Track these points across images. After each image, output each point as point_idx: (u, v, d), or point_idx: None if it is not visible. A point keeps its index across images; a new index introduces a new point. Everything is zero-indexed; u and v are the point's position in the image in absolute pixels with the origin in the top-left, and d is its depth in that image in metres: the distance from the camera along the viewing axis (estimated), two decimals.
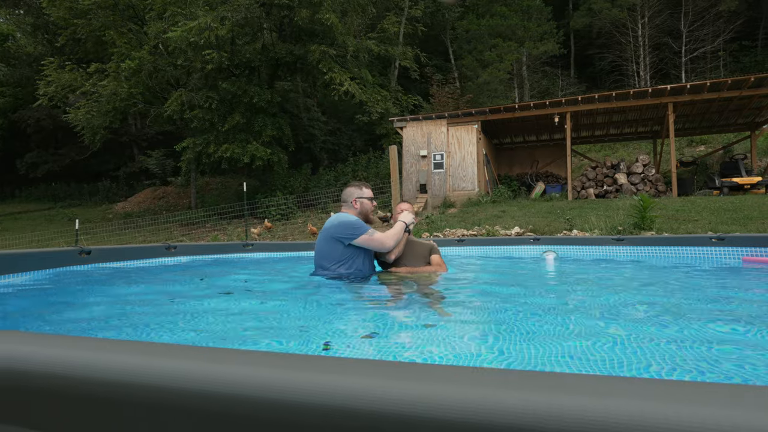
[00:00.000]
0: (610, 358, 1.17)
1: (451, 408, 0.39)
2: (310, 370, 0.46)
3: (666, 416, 0.34)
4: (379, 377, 0.43)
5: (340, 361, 0.49)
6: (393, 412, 0.40)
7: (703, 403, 0.35)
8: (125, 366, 0.50)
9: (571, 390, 0.38)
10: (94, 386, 0.49)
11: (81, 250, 3.44)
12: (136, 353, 0.53)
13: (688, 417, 0.34)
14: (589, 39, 24.85)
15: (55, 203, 24.16)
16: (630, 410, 0.35)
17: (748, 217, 7.10)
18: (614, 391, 0.38)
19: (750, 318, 1.65)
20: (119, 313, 1.96)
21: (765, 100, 11.05)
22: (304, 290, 2.45)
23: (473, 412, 0.38)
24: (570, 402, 0.37)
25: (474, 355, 1.23)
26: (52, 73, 16.11)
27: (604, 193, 12.04)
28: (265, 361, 0.49)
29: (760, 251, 3.37)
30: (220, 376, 0.46)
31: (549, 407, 0.37)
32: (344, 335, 1.49)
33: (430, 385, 0.41)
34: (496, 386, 0.40)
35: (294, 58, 15.64)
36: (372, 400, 0.41)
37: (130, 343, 0.58)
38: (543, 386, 0.40)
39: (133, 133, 25.70)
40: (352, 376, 0.44)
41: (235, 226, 13.69)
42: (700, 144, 16.41)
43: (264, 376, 0.45)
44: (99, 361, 0.51)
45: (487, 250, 4.71)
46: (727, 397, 0.36)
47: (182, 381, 0.46)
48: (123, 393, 0.48)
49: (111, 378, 0.49)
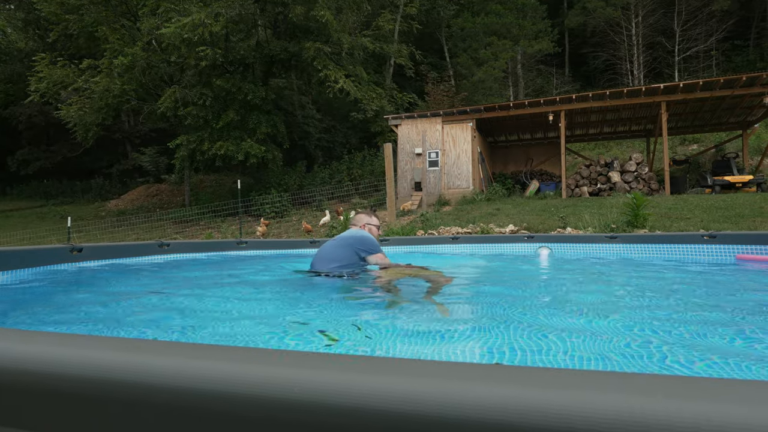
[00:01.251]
0: (594, 353, 1.17)
1: (428, 403, 0.38)
2: (290, 366, 0.45)
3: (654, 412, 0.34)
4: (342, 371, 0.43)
5: (320, 357, 0.48)
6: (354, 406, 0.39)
7: (691, 399, 0.35)
8: (104, 363, 0.49)
9: (549, 385, 0.38)
10: (69, 382, 0.48)
11: (72, 248, 3.41)
12: (115, 349, 0.52)
13: (687, 413, 0.34)
14: (584, 38, 24.93)
15: (47, 201, 23.91)
16: (616, 406, 0.35)
17: (739, 215, 7.17)
18: (601, 386, 0.38)
19: (741, 312, 1.67)
20: (108, 310, 1.94)
21: (756, 100, 11.14)
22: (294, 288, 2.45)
23: (448, 407, 0.38)
24: (547, 397, 0.37)
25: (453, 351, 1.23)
26: (44, 69, 15.91)
27: (597, 191, 12.11)
28: (247, 357, 0.48)
29: (751, 249, 3.41)
30: (202, 372, 0.45)
31: (520, 403, 0.36)
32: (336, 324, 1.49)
33: (402, 379, 0.41)
34: (470, 380, 0.39)
35: (289, 55, 15.56)
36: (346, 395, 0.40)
37: (111, 339, 0.58)
38: (517, 381, 0.39)
39: (126, 130, 25.48)
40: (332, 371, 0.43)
41: (229, 224, 13.63)
42: (693, 143, 16.53)
43: (245, 373, 0.45)
44: (81, 358, 0.50)
45: (480, 247, 4.72)
46: (717, 391, 0.36)
47: (161, 377, 0.46)
48: (98, 390, 0.47)
49: (91, 375, 0.48)
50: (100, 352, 0.52)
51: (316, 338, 1.38)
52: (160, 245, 4.20)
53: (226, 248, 4.82)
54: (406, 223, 9.30)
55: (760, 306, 1.84)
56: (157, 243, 4.20)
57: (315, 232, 10.13)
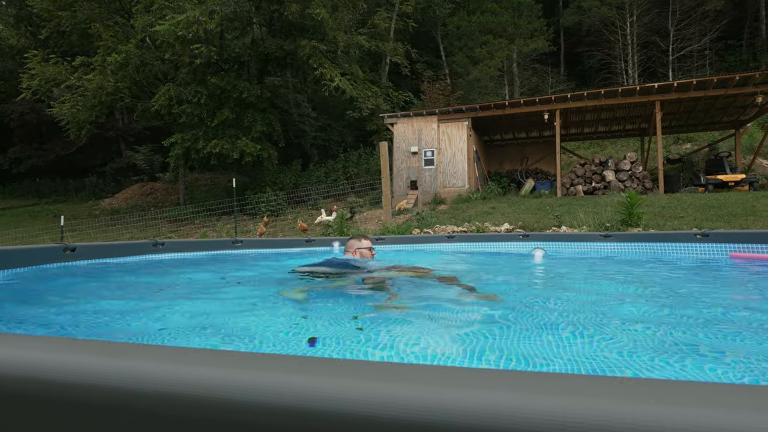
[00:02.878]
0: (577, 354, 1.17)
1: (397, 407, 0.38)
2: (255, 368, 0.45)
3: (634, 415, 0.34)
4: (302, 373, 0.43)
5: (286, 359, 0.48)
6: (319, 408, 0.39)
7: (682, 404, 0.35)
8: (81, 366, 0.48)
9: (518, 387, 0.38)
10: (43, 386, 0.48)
11: (65, 247, 3.38)
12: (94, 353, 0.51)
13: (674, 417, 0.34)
14: (579, 37, 25.01)
15: (39, 199, 23.71)
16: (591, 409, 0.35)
17: (731, 214, 7.23)
18: (590, 391, 0.38)
19: (730, 309, 1.68)
20: (98, 311, 1.93)
21: (749, 99, 11.23)
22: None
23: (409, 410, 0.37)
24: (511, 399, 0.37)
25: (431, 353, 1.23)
26: (36, 66, 15.76)
27: (592, 189, 12.16)
28: (217, 361, 0.48)
29: (744, 247, 3.43)
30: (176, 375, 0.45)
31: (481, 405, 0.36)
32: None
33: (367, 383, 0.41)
34: (426, 384, 0.39)
35: (284, 53, 15.49)
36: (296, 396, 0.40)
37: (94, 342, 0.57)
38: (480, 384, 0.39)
39: (120, 128, 25.29)
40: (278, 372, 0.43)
41: (224, 223, 13.58)
42: (687, 142, 16.64)
43: (215, 376, 0.44)
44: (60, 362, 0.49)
45: (473, 246, 4.73)
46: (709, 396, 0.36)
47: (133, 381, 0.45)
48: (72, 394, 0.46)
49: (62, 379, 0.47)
50: (57, 354, 0.51)
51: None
52: (154, 244, 4.17)
53: (221, 247, 4.80)
54: (401, 221, 9.30)
55: (748, 305, 1.85)
56: (152, 242, 4.18)
57: (311, 231, 10.11)
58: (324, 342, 1.33)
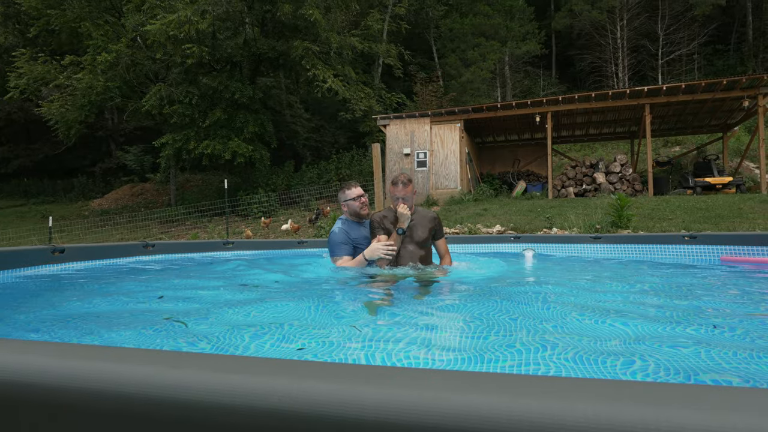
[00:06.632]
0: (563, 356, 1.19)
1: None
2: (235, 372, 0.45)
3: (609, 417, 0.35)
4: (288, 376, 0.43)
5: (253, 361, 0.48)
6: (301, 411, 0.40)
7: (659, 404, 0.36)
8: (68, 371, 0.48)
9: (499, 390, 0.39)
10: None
11: (54, 249, 3.34)
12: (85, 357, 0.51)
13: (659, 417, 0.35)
14: (570, 40, 25.23)
15: (27, 200, 23.36)
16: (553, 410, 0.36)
17: (719, 216, 7.34)
18: (571, 393, 0.39)
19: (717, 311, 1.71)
20: (88, 313, 1.91)
21: (736, 103, 11.41)
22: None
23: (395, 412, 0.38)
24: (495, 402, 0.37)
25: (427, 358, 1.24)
26: (24, 65, 15.55)
27: (583, 191, 12.27)
28: (191, 363, 0.48)
29: (731, 250, 3.49)
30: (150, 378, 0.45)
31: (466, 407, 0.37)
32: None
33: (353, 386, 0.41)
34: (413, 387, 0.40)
35: (276, 54, 15.44)
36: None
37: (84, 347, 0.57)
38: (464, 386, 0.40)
39: (110, 127, 25.02)
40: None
41: (215, 224, 13.48)
42: (675, 144, 16.86)
43: (184, 378, 0.45)
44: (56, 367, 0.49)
45: (468, 247, 4.75)
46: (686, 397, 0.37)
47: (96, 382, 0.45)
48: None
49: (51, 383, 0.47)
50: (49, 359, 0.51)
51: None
52: (144, 246, 4.14)
53: (212, 249, 4.77)
54: None
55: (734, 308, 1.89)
56: (142, 243, 4.14)
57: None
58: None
